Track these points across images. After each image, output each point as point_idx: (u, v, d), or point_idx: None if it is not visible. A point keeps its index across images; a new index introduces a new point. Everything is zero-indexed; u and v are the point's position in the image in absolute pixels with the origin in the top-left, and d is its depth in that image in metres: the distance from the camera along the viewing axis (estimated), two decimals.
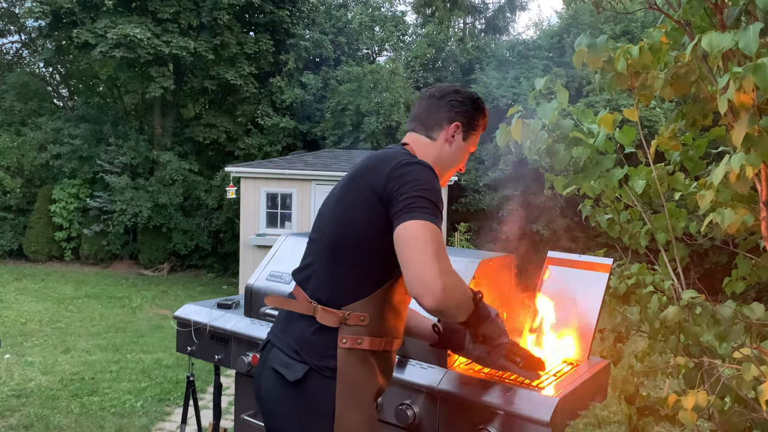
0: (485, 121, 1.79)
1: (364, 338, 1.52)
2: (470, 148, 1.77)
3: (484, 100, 9.63)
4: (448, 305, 1.41)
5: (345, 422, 1.49)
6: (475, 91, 1.79)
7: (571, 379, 1.89)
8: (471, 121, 1.74)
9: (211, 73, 14.68)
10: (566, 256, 2.32)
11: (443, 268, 1.40)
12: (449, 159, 1.73)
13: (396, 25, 19.06)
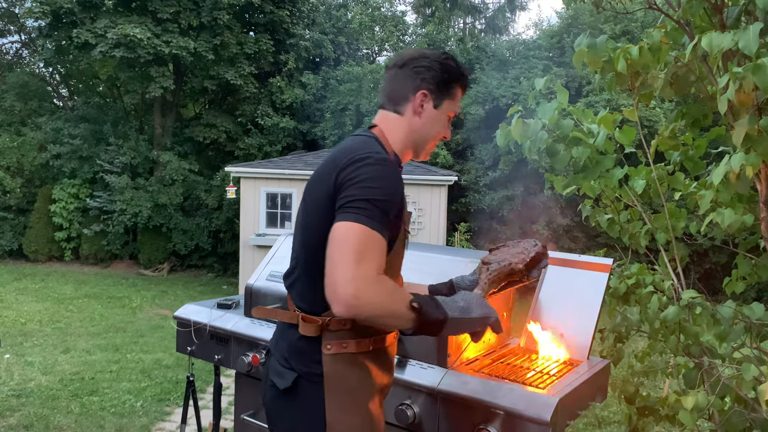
0: (462, 81, 1.63)
1: (349, 342, 1.49)
2: (448, 114, 1.63)
3: (484, 100, 9.67)
4: (361, 313, 1.34)
5: (338, 427, 1.46)
6: (448, 52, 1.65)
7: (571, 379, 1.89)
8: (441, 85, 1.59)
9: (211, 73, 14.68)
10: (566, 256, 2.32)
11: (361, 273, 1.31)
12: (422, 132, 1.60)
13: (396, 25, 19.06)
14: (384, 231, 1.39)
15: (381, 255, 1.37)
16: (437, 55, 1.60)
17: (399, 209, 1.48)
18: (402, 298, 1.41)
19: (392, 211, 1.43)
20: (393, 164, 1.49)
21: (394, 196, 1.44)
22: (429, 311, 1.42)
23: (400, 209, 1.49)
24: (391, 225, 1.44)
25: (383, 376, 1.58)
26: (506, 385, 1.79)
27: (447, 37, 19.27)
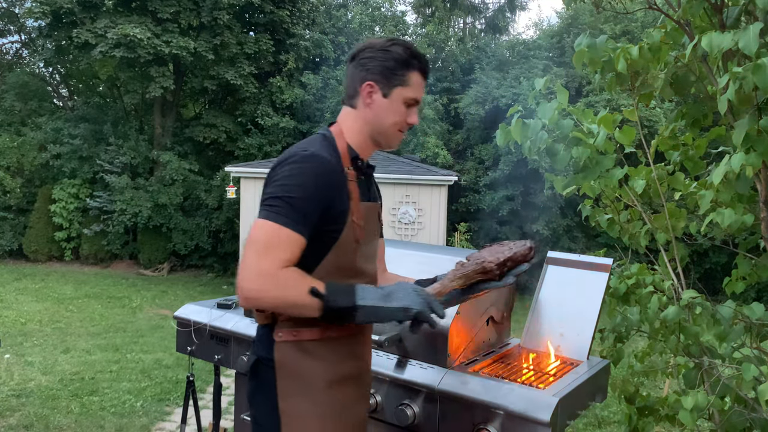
0: (412, 66, 1.58)
1: (300, 330, 1.52)
2: (404, 100, 1.58)
3: (484, 100, 9.63)
4: (262, 305, 1.43)
5: (290, 412, 1.51)
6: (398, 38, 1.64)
7: (571, 379, 1.89)
8: (387, 73, 1.55)
9: (211, 73, 14.68)
10: (566, 256, 2.32)
11: (260, 268, 1.38)
12: (376, 123, 1.59)
13: (396, 25, 19.05)
14: (298, 227, 1.42)
15: (287, 250, 1.41)
16: (382, 43, 1.58)
17: (328, 205, 1.48)
18: (304, 288, 1.41)
19: (309, 207, 1.44)
20: (320, 161, 1.49)
21: (313, 192, 1.45)
22: (333, 298, 1.42)
23: (333, 205, 1.49)
24: (321, 221, 1.47)
25: (341, 365, 1.57)
26: (506, 385, 1.79)
27: (447, 37, 19.27)
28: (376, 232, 1.71)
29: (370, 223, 1.63)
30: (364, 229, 1.58)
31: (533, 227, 14.33)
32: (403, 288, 1.46)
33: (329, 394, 1.54)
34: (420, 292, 1.45)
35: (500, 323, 2.23)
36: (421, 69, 1.59)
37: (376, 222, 1.70)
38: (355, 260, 1.58)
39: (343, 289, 1.45)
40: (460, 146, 16.88)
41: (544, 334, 2.19)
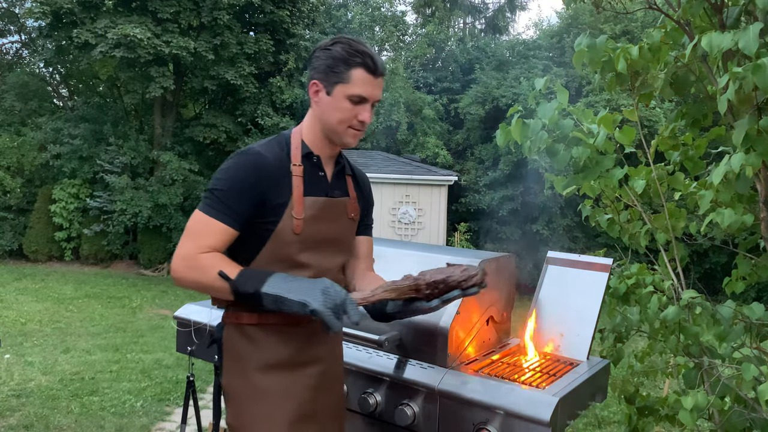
0: (352, 63, 1.58)
1: (242, 314, 1.63)
2: (349, 97, 1.60)
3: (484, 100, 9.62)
4: (183, 286, 1.56)
5: (228, 386, 1.66)
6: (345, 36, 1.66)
7: (571, 379, 1.89)
8: (328, 71, 1.60)
9: (211, 73, 14.68)
10: (566, 256, 2.32)
11: (182, 252, 1.54)
12: (323, 120, 1.64)
13: (396, 25, 19.05)
14: (223, 217, 1.55)
15: (210, 237, 1.54)
16: (326, 43, 1.64)
17: (261, 198, 1.56)
18: (211, 271, 1.51)
19: (236, 199, 1.55)
20: (252, 157, 1.58)
21: (241, 186, 1.55)
22: (240, 282, 1.49)
23: (267, 198, 1.57)
24: (257, 213, 1.56)
25: (279, 352, 1.63)
26: (506, 385, 1.79)
27: (447, 37, 19.28)
28: (337, 228, 1.71)
29: (321, 218, 1.65)
30: (307, 222, 1.62)
31: (533, 227, 14.33)
32: (313, 284, 1.46)
33: (264, 378, 1.61)
34: (329, 292, 1.44)
35: (500, 323, 2.23)
36: (365, 65, 1.58)
37: (338, 218, 1.71)
38: (295, 252, 1.61)
39: (254, 275, 1.50)
40: (460, 146, 16.88)
41: (544, 334, 2.20)
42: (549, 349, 2.15)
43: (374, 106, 1.66)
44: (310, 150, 1.68)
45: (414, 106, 16.17)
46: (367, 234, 1.89)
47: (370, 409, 1.92)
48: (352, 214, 1.76)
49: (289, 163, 1.63)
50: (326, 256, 1.69)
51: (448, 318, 1.92)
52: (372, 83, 1.61)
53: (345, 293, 1.45)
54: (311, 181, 1.66)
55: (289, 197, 1.60)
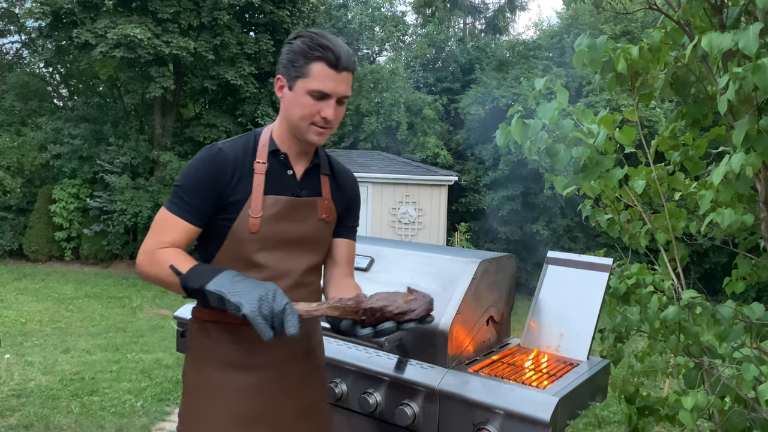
0: (312, 57, 1.52)
1: (203, 310, 1.65)
2: (309, 92, 1.53)
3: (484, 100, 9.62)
4: (148, 280, 1.56)
5: (186, 378, 1.69)
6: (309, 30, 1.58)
7: (571, 379, 1.89)
8: (289, 66, 1.56)
9: (211, 73, 14.68)
10: (566, 256, 2.32)
11: (144, 247, 1.56)
12: (287, 116, 1.60)
13: (396, 25, 19.07)
14: (182, 213, 1.55)
15: (170, 233, 1.55)
16: (290, 37, 1.60)
17: (219, 195, 1.55)
18: (166, 266, 1.50)
19: (195, 195, 1.55)
20: (212, 154, 1.58)
21: (198, 183, 1.55)
22: (188, 277, 1.46)
23: (225, 195, 1.56)
24: (216, 210, 1.56)
25: (234, 350, 1.61)
26: (506, 385, 1.79)
27: (447, 37, 19.29)
28: (304, 229, 1.65)
29: (284, 218, 1.61)
30: (266, 222, 1.58)
31: (533, 227, 14.33)
32: (255, 287, 1.38)
33: (218, 375, 1.61)
34: (267, 298, 1.35)
35: (500, 323, 2.23)
36: (325, 59, 1.51)
37: (306, 219, 1.65)
38: (251, 252, 1.58)
39: (204, 272, 1.46)
40: (460, 146, 16.88)
41: (544, 334, 2.20)
42: (549, 349, 2.15)
43: (343, 102, 1.59)
44: (277, 147, 1.65)
45: (414, 106, 16.17)
46: (348, 237, 1.80)
47: (370, 409, 1.92)
48: (324, 215, 1.69)
49: (252, 160, 1.60)
50: (289, 257, 1.63)
51: (448, 318, 1.92)
52: (334, 78, 1.53)
53: (286, 303, 1.36)
54: (276, 180, 1.62)
55: (248, 195, 1.57)
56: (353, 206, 1.82)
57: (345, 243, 1.79)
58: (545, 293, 2.26)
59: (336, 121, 1.60)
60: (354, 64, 1.59)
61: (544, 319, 2.22)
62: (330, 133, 1.61)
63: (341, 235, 1.78)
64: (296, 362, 1.68)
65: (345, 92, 1.57)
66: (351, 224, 1.82)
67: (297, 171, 1.66)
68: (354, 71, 1.60)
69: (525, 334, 2.24)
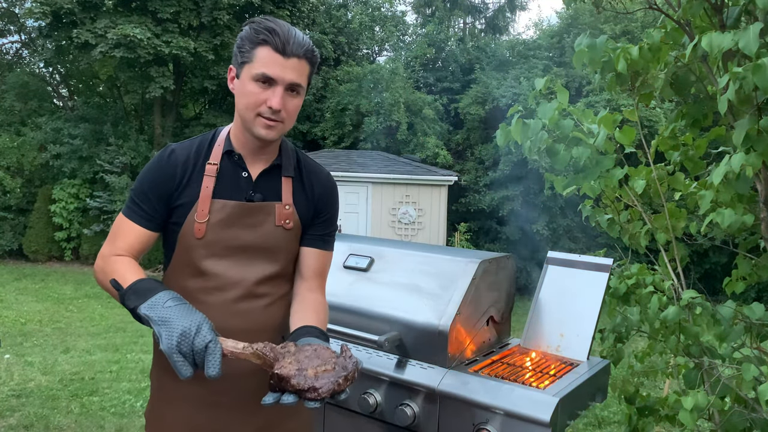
0: (255, 40, 1.42)
1: None
2: (250, 80, 1.43)
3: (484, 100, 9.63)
4: (100, 285, 1.49)
5: (151, 381, 1.66)
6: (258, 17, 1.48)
7: (571, 379, 1.89)
8: (237, 53, 1.46)
9: (211, 73, 14.69)
10: (566, 256, 2.32)
11: (102, 252, 1.50)
12: (238, 108, 1.48)
13: (396, 25, 19.06)
14: (134, 216, 1.51)
15: (124, 239, 1.50)
16: (243, 25, 1.50)
17: (167, 197, 1.49)
18: (111, 274, 1.41)
19: (145, 198, 1.50)
20: (162, 155, 1.52)
21: (147, 185, 1.50)
22: (126, 295, 1.34)
23: (172, 198, 1.50)
24: (167, 214, 1.50)
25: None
26: (506, 385, 1.79)
27: (447, 37, 19.28)
28: (257, 236, 1.52)
29: (233, 223, 1.50)
30: (214, 227, 1.48)
31: (533, 227, 14.33)
32: (182, 318, 1.25)
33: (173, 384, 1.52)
34: (189, 334, 1.22)
35: (500, 323, 2.23)
36: (271, 43, 1.40)
37: (260, 225, 1.52)
38: (198, 258, 1.49)
39: (141, 291, 1.33)
40: (460, 146, 16.88)
41: (544, 334, 2.19)
42: (549, 350, 2.15)
43: (295, 94, 1.45)
44: (231, 147, 1.53)
45: (414, 106, 16.17)
46: (318, 247, 1.61)
47: (370, 409, 1.92)
48: (282, 222, 1.53)
49: (205, 161, 1.51)
50: (238, 265, 1.51)
51: (448, 318, 1.92)
52: (280, 63, 1.40)
53: (209, 341, 1.22)
54: (227, 182, 1.51)
55: (196, 198, 1.48)
56: (324, 211, 1.62)
57: (313, 253, 1.60)
58: (545, 293, 2.26)
59: (288, 114, 1.46)
60: (309, 54, 1.45)
61: (544, 319, 2.22)
62: (282, 128, 1.47)
63: (309, 243, 1.60)
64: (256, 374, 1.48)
65: (294, 79, 1.42)
66: (321, 232, 1.62)
67: (253, 172, 1.54)
68: (310, 61, 1.46)
69: (525, 334, 2.24)
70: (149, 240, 1.52)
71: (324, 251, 1.62)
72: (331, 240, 1.66)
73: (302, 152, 1.66)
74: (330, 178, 1.67)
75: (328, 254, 1.64)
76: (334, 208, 1.66)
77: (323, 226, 1.62)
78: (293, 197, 1.56)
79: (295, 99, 1.46)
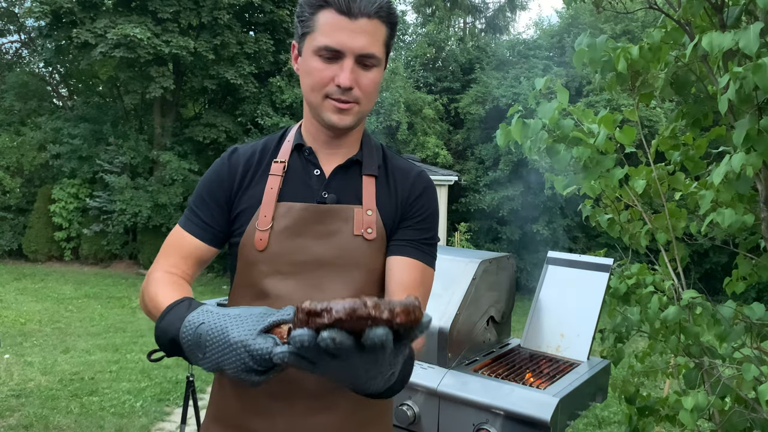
0: (320, 2, 1.14)
1: None
2: (313, 54, 1.16)
3: (484, 100, 9.64)
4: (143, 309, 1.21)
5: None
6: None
7: (571, 379, 1.89)
8: (298, 25, 1.19)
9: (211, 72, 14.69)
10: (566, 256, 2.32)
11: (150, 269, 1.25)
12: (304, 91, 1.21)
13: None
14: (189, 225, 1.27)
15: (176, 251, 1.26)
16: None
17: (227, 202, 1.26)
18: (158, 303, 1.11)
19: (203, 204, 1.26)
20: (224, 154, 1.30)
21: (207, 189, 1.27)
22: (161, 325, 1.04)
23: (233, 203, 1.26)
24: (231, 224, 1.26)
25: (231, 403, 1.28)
26: (506, 385, 1.79)
27: (447, 36, 19.28)
28: (330, 247, 1.22)
29: (300, 231, 1.22)
30: (277, 236, 1.22)
31: (533, 227, 14.33)
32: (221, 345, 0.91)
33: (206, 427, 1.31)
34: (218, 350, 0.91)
35: (500, 323, 2.23)
36: (332, 3, 1.12)
37: (334, 234, 1.23)
38: (259, 277, 1.22)
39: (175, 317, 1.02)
40: (460, 146, 16.89)
41: (544, 334, 2.19)
42: (549, 350, 2.15)
43: (370, 65, 1.16)
44: (302, 140, 1.28)
45: (414, 105, 16.18)
46: (409, 255, 1.24)
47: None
48: (362, 230, 1.22)
49: (272, 158, 1.27)
50: (309, 287, 1.21)
51: (448, 318, 1.92)
52: (347, 27, 1.12)
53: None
54: (297, 182, 1.25)
55: (258, 202, 1.23)
56: (415, 213, 1.28)
57: (402, 263, 1.24)
58: (545, 293, 2.26)
59: (365, 92, 1.17)
60: (385, 11, 1.15)
61: (544, 319, 2.22)
62: (359, 110, 1.19)
63: (397, 251, 1.25)
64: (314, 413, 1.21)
65: (365, 48, 1.13)
66: (414, 237, 1.26)
67: (326, 169, 1.26)
68: (387, 21, 1.17)
69: (525, 334, 2.24)
70: (204, 255, 1.26)
71: (417, 261, 1.24)
72: (429, 250, 1.28)
73: (390, 149, 1.38)
74: (423, 174, 1.34)
75: (423, 267, 1.25)
76: (430, 211, 1.30)
77: (416, 230, 1.27)
78: (377, 200, 1.25)
79: (371, 72, 1.16)
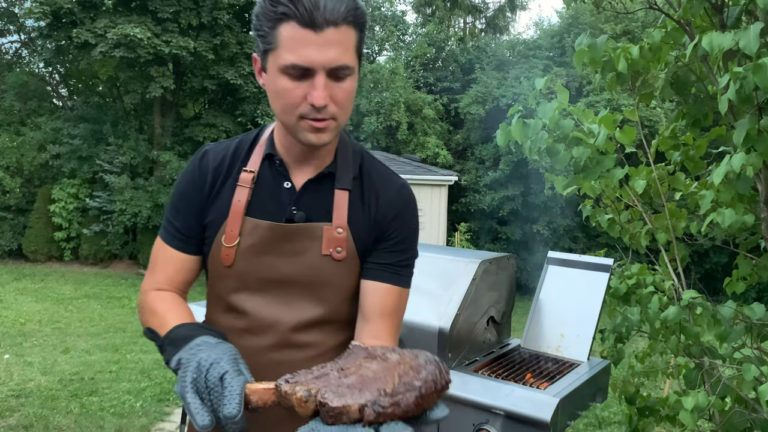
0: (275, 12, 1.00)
1: None
2: (279, 74, 1.04)
3: (484, 100, 9.63)
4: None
5: None
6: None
7: (571, 379, 1.89)
8: (257, 39, 1.07)
9: (211, 72, 14.69)
10: (566, 256, 2.32)
11: (142, 285, 1.22)
12: (273, 107, 1.11)
13: (396, 25, 19.06)
14: (169, 238, 1.21)
15: (162, 266, 1.22)
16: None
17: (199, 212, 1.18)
18: (149, 320, 1.13)
19: (173, 213, 1.21)
20: (197, 156, 1.22)
21: (177, 197, 1.21)
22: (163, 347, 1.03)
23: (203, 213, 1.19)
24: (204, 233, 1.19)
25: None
26: (506, 385, 1.79)
27: (447, 36, 19.29)
28: (298, 267, 1.16)
29: (266, 250, 1.16)
30: (244, 253, 1.16)
31: (533, 227, 14.33)
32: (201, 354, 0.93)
33: None
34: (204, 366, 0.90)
35: (500, 323, 2.23)
36: (293, 16, 0.99)
37: (302, 253, 1.16)
38: (226, 291, 1.19)
39: (182, 337, 1.01)
40: (460, 146, 16.89)
41: (544, 334, 2.19)
42: (549, 350, 2.15)
43: (342, 76, 1.05)
44: (273, 150, 1.18)
45: (414, 106, 16.18)
46: (383, 280, 1.19)
47: None
48: (331, 249, 1.16)
49: (242, 166, 1.18)
50: (277, 304, 1.16)
51: (448, 318, 1.92)
52: (314, 41, 1.00)
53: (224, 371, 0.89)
54: (266, 196, 1.17)
55: (225, 215, 1.16)
56: (391, 233, 1.22)
57: (376, 289, 1.18)
58: (545, 293, 2.26)
59: (340, 106, 1.08)
60: (352, 15, 1.03)
61: (544, 319, 2.22)
62: (336, 125, 1.11)
63: (371, 276, 1.19)
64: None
65: (336, 60, 1.02)
66: (388, 261, 1.21)
67: (297, 182, 1.18)
68: (355, 25, 1.05)
69: (525, 334, 2.24)
70: (191, 266, 1.22)
71: (391, 286, 1.19)
72: (405, 273, 1.24)
73: (370, 155, 1.29)
74: (404, 190, 1.27)
75: (399, 291, 1.21)
76: (408, 230, 1.25)
77: (391, 253, 1.21)
78: (349, 217, 1.18)
79: (344, 83, 1.06)
